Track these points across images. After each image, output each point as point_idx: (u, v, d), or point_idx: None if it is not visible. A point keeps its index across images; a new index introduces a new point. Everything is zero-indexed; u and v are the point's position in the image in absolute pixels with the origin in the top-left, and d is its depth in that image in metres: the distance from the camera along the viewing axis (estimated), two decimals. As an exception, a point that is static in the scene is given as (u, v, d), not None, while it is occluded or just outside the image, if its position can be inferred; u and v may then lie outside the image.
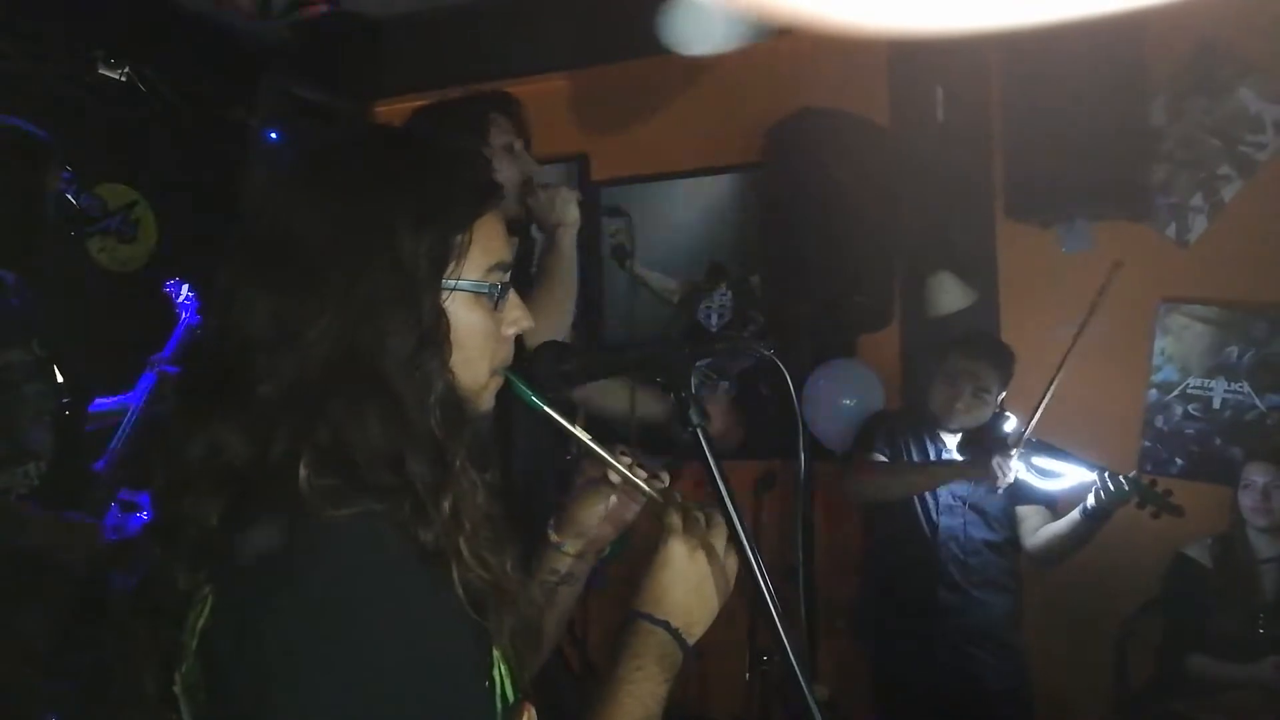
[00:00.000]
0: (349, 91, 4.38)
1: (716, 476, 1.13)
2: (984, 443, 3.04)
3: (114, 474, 2.71)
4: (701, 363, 1.24)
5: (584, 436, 1.16)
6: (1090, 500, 2.82)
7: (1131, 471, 2.87)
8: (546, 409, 1.12)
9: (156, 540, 0.91)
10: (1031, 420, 2.93)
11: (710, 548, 1.11)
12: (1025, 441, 2.92)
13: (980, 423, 3.08)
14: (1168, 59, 3.43)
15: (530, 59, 4.15)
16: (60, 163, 2.41)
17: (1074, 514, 2.89)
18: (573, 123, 4.27)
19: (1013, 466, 2.85)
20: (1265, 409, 3.38)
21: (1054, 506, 3.04)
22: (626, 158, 4.26)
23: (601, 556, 1.29)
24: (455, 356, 0.95)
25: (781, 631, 1.09)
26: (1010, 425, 3.06)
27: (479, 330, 0.99)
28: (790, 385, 1.26)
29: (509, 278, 1.02)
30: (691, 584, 1.09)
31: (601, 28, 4.03)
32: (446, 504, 0.90)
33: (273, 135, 4.05)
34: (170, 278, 3.21)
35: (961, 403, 3.05)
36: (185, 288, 3.15)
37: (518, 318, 1.05)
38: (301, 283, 0.90)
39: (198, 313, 3.08)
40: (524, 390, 1.10)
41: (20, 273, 2.33)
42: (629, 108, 4.21)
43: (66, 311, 2.93)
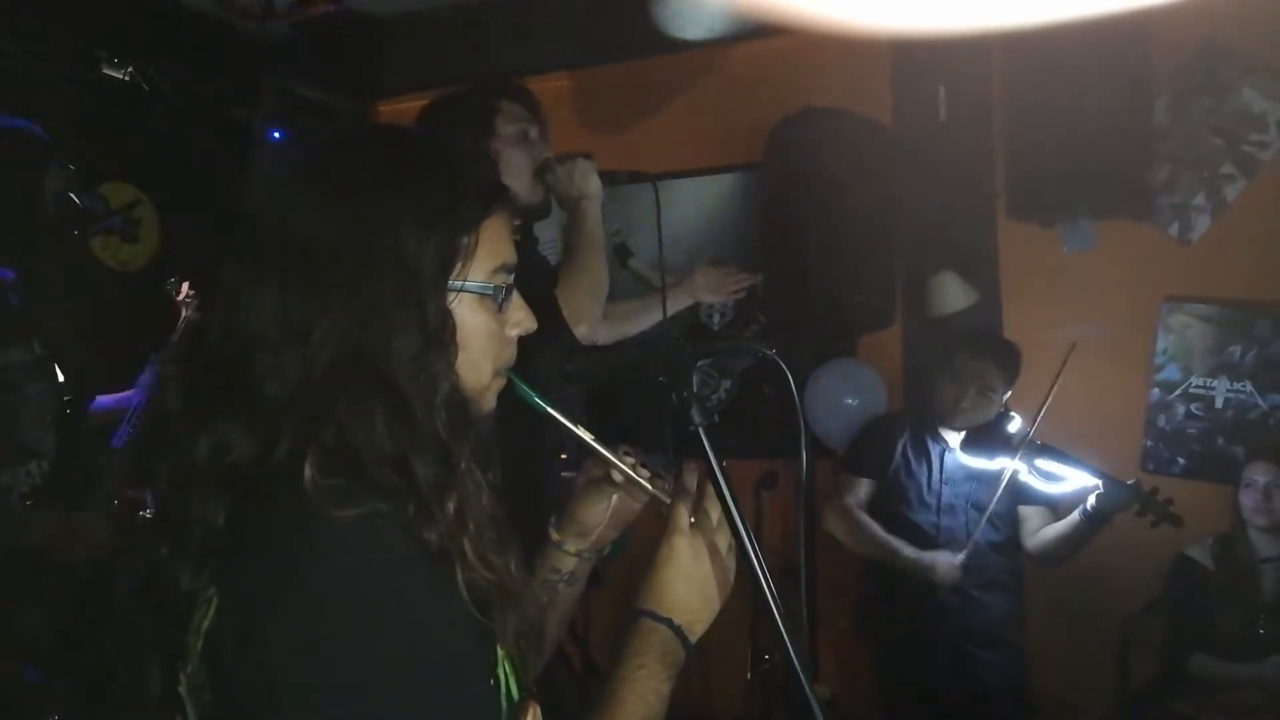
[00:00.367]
0: (351, 90, 4.39)
1: (718, 476, 1.12)
2: (988, 441, 3.04)
3: (117, 467, 2.71)
4: (703, 362, 1.24)
5: (586, 436, 1.16)
6: (1091, 501, 2.82)
7: (1133, 476, 2.87)
8: (549, 409, 1.12)
9: (161, 540, 0.91)
10: (1035, 421, 2.93)
11: (712, 545, 1.11)
12: (1029, 443, 2.92)
13: (984, 421, 3.08)
14: (1171, 58, 3.42)
15: (531, 58, 4.15)
16: (62, 162, 2.42)
17: (1074, 515, 2.89)
18: (573, 122, 4.27)
19: (959, 575, 2.87)
20: (1268, 408, 3.37)
21: (1056, 508, 3.04)
22: (627, 157, 4.25)
23: (602, 555, 1.29)
24: (460, 358, 0.95)
25: (783, 630, 1.08)
26: (1014, 425, 3.06)
27: (484, 331, 0.99)
28: (792, 384, 1.26)
29: (513, 279, 1.02)
30: (694, 582, 1.08)
31: (602, 27, 4.03)
32: (451, 505, 0.90)
33: (275, 134, 4.05)
34: (172, 277, 3.21)
35: (966, 401, 3.05)
36: (185, 285, 3.15)
37: (521, 319, 1.05)
38: (307, 283, 0.90)
39: (199, 311, 3.08)
40: (526, 391, 1.10)
41: (20, 272, 2.33)
42: (630, 107, 4.21)
43: (67, 311, 2.93)
